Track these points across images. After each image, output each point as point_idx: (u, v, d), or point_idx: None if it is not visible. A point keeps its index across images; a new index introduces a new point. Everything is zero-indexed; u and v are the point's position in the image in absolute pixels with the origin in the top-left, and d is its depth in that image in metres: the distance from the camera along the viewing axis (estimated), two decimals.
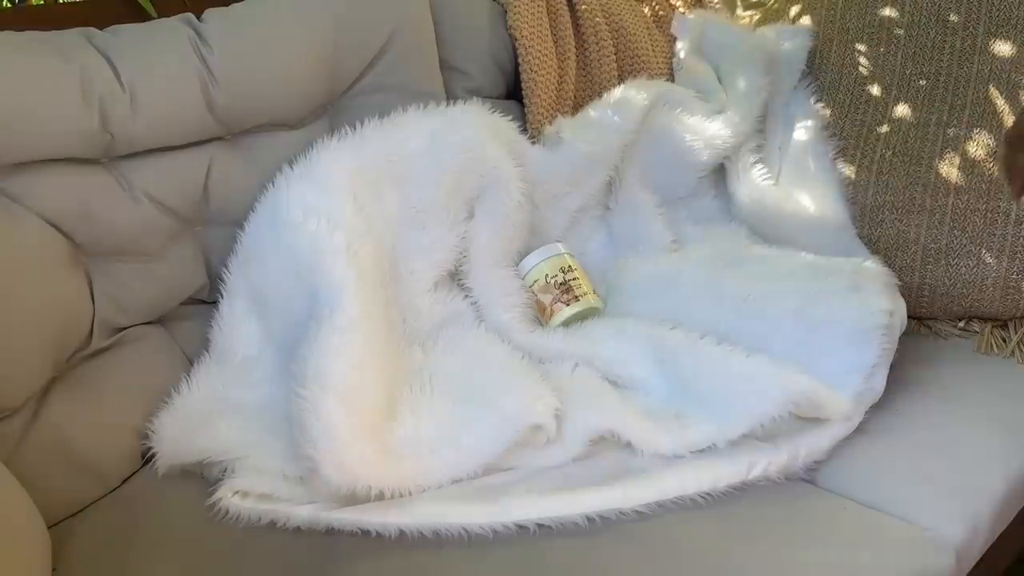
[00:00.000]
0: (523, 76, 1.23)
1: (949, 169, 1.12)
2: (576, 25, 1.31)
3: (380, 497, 0.82)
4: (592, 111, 1.19)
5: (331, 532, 0.82)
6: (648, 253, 1.16)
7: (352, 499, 0.82)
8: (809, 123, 1.26)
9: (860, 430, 0.94)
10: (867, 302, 0.99)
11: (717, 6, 1.50)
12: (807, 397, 0.90)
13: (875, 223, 1.16)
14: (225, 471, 0.88)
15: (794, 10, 1.39)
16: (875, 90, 1.22)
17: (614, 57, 1.32)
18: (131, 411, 0.94)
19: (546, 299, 1.11)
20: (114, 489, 0.91)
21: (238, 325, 1.01)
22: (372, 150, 1.05)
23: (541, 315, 1.12)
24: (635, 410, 0.95)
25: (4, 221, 0.85)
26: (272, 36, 1.01)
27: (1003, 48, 1.13)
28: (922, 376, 1.04)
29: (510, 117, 1.16)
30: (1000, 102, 1.12)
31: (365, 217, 1.02)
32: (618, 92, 1.20)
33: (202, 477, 0.91)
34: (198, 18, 1.00)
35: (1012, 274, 1.11)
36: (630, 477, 0.86)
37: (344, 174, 1.02)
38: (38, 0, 1.35)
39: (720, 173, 1.27)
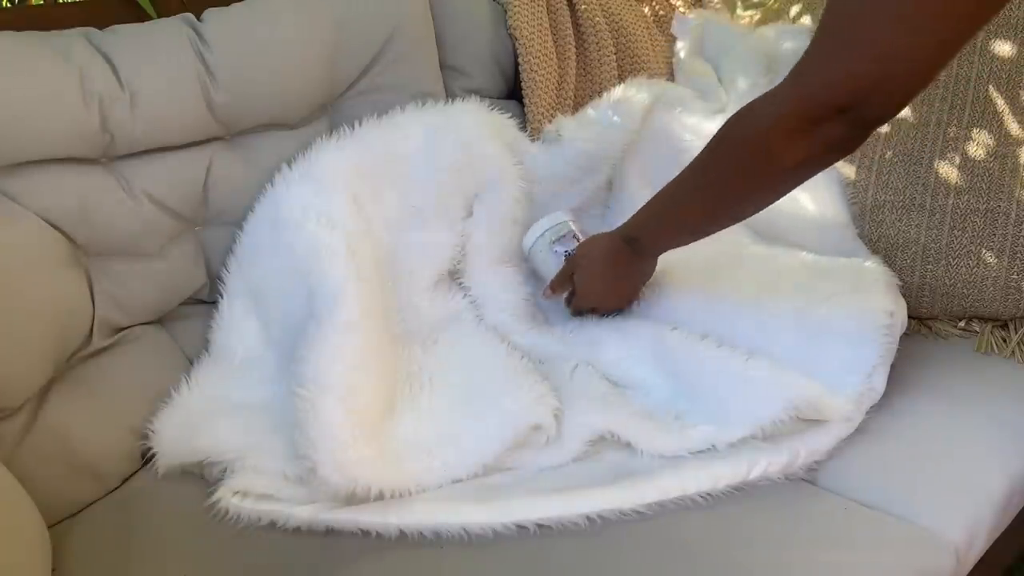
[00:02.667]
0: (523, 76, 1.23)
1: (949, 169, 1.12)
2: (576, 25, 1.31)
3: (380, 497, 0.82)
4: (592, 110, 1.19)
5: (331, 532, 0.82)
6: None
7: (352, 499, 0.82)
8: None
9: (860, 430, 0.94)
10: (868, 302, 0.99)
11: (717, 6, 1.50)
12: (807, 401, 0.90)
13: (875, 223, 1.15)
14: (225, 471, 0.88)
15: (794, 10, 1.39)
16: None
17: (614, 57, 1.32)
18: (131, 411, 0.93)
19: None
20: (114, 489, 0.91)
21: (238, 325, 1.01)
22: (371, 149, 1.05)
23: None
24: (635, 411, 0.95)
25: (4, 221, 0.85)
26: (272, 36, 1.01)
27: (1003, 48, 1.13)
28: (922, 376, 1.04)
29: (509, 115, 1.16)
30: (1000, 102, 1.12)
31: (364, 217, 1.02)
32: (618, 91, 1.20)
33: (202, 477, 0.90)
34: (198, 18, 1.00)
35: (1012, 274, 1.10)
36: (630, 477, 0.86)
37: (343, 174, 1.02)
38: (38, 0, 1.35)
39: None
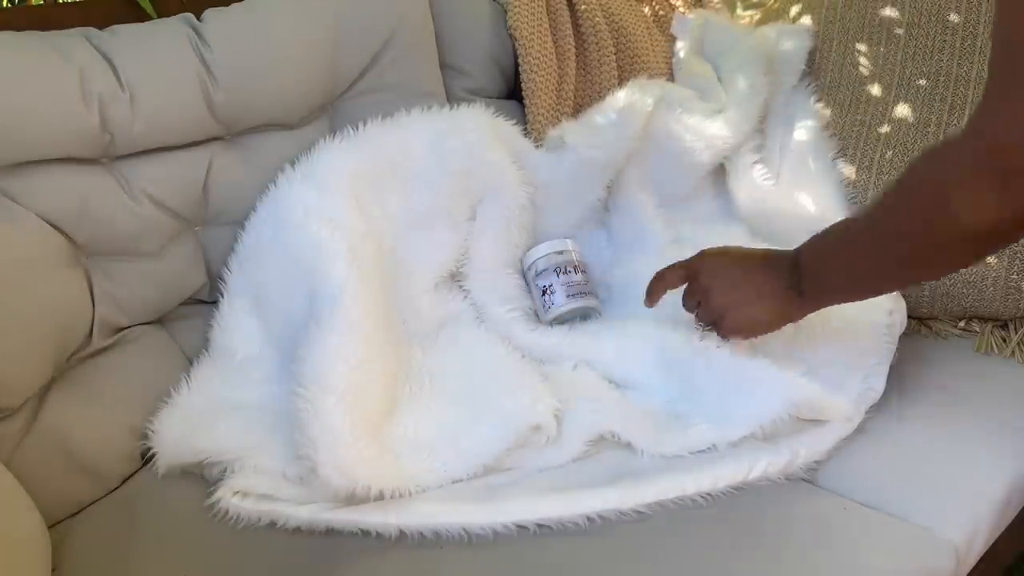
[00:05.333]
0: (523, 76, 1.23)
1: None
2: (576, 25, 1.31)
3: (380, 497, 0.82)
4: (597, 116, 1.17)
5: (331, 532, 0.82)
6: (648, 253, 1.15)
7: (352, 499, 0.82)
8: (809, 123, 1.26)
9: (860, 430, 0.94)
10: (867, 302, 0.99)
11: (717, 6, 1.50)
12: (808, 400, 0.90)
13: None
14: (225, 471, 0.88)
15: (794, 10, 1.39)
16: (875, 90, 1.22)
17: (614, 57, 1.32)
18: (131, 411, 0.93)
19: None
20: (114, 489, 0.91)
21: (238, 325, 1.01)
22: (375, 151, 1.05)
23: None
24: (635, 411, 0.95)
25: (4, 221, 0.85)
26: (272, 36, 1.01)
27: None
28: (922, 376, 1.04)
29: (513, 121, 1.16)
30: None
31: (367, 218, 1.02)
32: (623, 97, 1.17)
33: (202, 477, 0.90)
34: (198, 18, 1.00)
35: (1012, 274, 1.10)
36: (630, 477, 0.86)
37: (346, 175, 1.02)
38: (38, 0, 1.35)
39: (720, 173, 1.27)
